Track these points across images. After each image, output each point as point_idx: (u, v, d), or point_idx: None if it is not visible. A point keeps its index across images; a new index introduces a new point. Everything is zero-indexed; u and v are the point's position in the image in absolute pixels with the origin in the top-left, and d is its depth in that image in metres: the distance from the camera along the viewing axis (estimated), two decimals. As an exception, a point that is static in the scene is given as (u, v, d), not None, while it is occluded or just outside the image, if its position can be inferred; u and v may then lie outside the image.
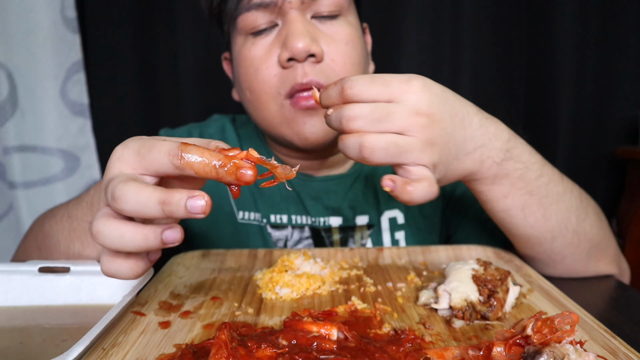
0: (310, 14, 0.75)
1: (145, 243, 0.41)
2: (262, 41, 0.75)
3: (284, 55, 0.72)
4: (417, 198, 0.52)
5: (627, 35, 1.55)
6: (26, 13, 1.38)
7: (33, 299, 0.59)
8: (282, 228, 0.90)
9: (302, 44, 0.70)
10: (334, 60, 0.75)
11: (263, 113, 0.78)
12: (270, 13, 0.74)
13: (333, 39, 0.75)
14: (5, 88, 1.39)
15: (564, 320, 0.39)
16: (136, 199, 0.40)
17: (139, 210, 0.40)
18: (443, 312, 0.55)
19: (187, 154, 0.41)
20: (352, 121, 0.52)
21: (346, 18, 0.78)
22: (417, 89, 0.54)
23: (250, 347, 0.43)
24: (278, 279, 0.62)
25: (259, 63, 0.75)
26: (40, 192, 1.46)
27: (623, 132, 1.62)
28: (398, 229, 0.92)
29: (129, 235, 0.41)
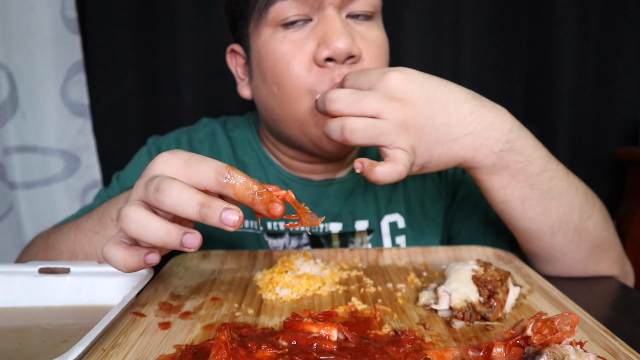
0: (346, 13, 0.73)
1: (167, 237, 0.44)
2: (294, 35, 0.71)
3: (323, 54, 0.69)
4: (382, 178, 0.57)
5: (627, 36, 1.55)
6: (26, 13, 1.38)
7: (33, 299, 0.59)
8: (279, 236, 0.88)
9: (344, 44, 0.68)
10: (368, 62, 0.73)
11: (293, 108, 0.74)
12: (306, 6, 0.70)
13: (367, 40, 0.73)
14: (6, 88, 1.39)
15: (564, 321, 0.39)
16: (178, 195, 0.44)
17: (178, 205, 0.44)
18: (443, 313, 0.55)
19: (233, 175, 0.45)
20: (333, 103, 0.58)
21: (377, 21, 0.77)
22: (392, 76, 0.59)
23: (250, 347, 0.43)
24: (278, 280, 0.62)
25: (291, 57, 0.71)
26: (40, 192, 1.46)
27: (623, 133, 1.62)
28: (399, 234, 0.91)
29: (155, 226, 0.44)
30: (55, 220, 1.47)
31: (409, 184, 0.93)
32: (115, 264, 0.46)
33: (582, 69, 1.56)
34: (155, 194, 0.44)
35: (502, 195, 0.67)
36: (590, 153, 1.62)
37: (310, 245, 0.88)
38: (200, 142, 0.93)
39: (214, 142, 0.93)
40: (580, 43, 1.54)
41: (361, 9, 0.72)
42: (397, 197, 0.92)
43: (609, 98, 1.60)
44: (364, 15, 0.73)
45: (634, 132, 1.59)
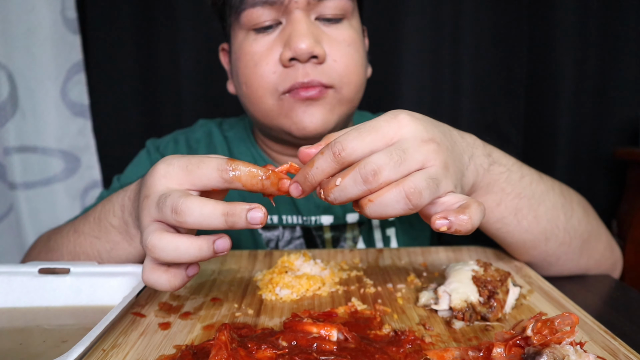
0: (315, 16, 0.75)
1: (200, 253, 0.44)
2: (264, 38, 0.75)
3: (287, 55, 0.72)
4: (477, 221, 0.46)
5: (627, 36, 1.55)
6: (27, 14, 1.38)
7: (33, 300, 0.59)
8: (272, 229, 0.90)
9: (305, 45, 0.71)
10: (336, 60, 0.75)
11: (259, 107, 0.78)
12: (276, 11, 0.74)
13: (336, 40, 0.76)
14: (6, 89, 1.39)
15: (563, 322, 0.39)
16: (200, 212, 0.44)
17: (203, 222, 0.44)
18: (443, 313, 0.55)
19: (235, 168, 0.45)
20: (378, 175, 0.45)
21: (349, 22, 0.78)
22: (407, 121, 0.49)
23: (250, 348, 0.43)
24: (278, 280, 0.62)
25: (259, 59, 0.75)
26: (40, 192, 1.47)
27: (623, 133, 1.62)
28: (389, 226, 0.92)
29: (185, 247, 0.44)
30: (56, 220, 1.47)
31: None
32: (162, 288, 0.47)
33: (582, 69, 1.56)
34: (175, 216, 0.44)
35: (498, 213, 0.66)
36: (590, 153, 1.62)
37: (303, 237, 0.90)
38: (198, 141, 0.95)
39: (210, 141, 0.95)
40: (580, 43, 1.54)
41: (330, 12, 0.75)
42: None
43: (609, 98, 1.60)
44: (334, 18, 0.76)
45: (633, 132, 1.59)
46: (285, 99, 0.76)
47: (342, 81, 0.76)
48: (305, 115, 0.75)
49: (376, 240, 0.91)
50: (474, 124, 1.58)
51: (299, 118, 0.76)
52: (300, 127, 0.76)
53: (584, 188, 1.63)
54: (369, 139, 0.47)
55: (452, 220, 0.45)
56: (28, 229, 1.46)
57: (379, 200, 0.46)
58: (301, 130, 0.77)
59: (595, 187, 1.65)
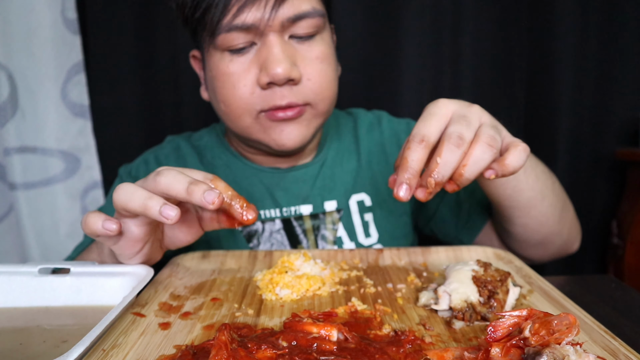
0: (288, 35, 0.77)
1: (147, 202, 0.54)
2: (240, 59, 0.78)
3: (264, 80, 0.76)
4: (518, 163, 0.59)
5: (627, 36, 1.55)
6: (27, 14, 1.38)
7: (33, 300, 0.59)
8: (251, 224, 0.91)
9: (282, 70, 0.74)
10: (310, 79, 0.79)
11: (238, 124, 0.83)
12: (250, 34, 0.76)
13: (309, 58, 0.79)
14: (6, 89, 1.39)
15: (561, 322, 0.39)
16: (174, 176, 0.55)
17: (171, 183, 0.55)
18: (443, 313, 0.55)
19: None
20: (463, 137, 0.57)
21: (321, 36, 0.81)
22: (448, 101, 0.61)
23: (250, 348, 0.43)
24: (278, 280, 0.62)
25: (237, 80, 0.78)
26: (40, 193, 1.46)
27: (623, 134, 1.62)
28: (366, 211, 0.95)
29: (139, 194, 0.54)
30: (56, 220, 1.47)
31: (374, 167, 0.97)
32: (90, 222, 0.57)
33: (582, 70, 1.56)
34: (155, 176, 0.55)
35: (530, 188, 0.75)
36: (590, 154, 1.62)
37: (284, 229, 0.92)
38: (166, 156, 0.98)
39: (178, 155, 0.98)
40: (580, 43, 1.54)
41: (303, 31, 0.77)
42: (363, 178, 0.96)
43: (609, 99, 1.60)
44: (306, 35, 0.78)
45: (634, 133, 1.59)
46: (262, 118, 0.80)
47: (317, 98, 0.80)
48: (283, 134, 0.81)
49: (355, 226, 0.93)
50: (474, 125, 1.58)
51: (277, 136, 0.81)
52: (280, 143, 0.82)
53: (584, 188, 1.64)
54: (435, 122, 0.58)
55: (498, 169, 0.59)
56: (28, 230, 1.46)
57: (472, 160, 0.57)
58: (280, 147, 0.82)
59: (595, 188, 1.65)
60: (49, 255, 1.48)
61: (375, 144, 0.99)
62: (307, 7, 0.76)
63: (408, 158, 0.56)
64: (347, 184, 0.95)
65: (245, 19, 0.74)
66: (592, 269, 1.71)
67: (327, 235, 0.93)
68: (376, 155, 0.98)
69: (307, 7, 0.76)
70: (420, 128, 0.58)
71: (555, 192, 0.80)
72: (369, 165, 0.97)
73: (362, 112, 1.06)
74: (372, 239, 0.94)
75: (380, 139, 1.00)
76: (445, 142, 0.56)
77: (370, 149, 0.99)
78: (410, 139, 0.58)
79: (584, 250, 1.68)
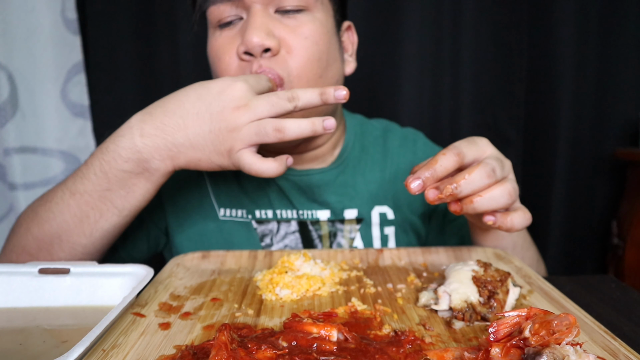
0: (274, 8, 0.76)
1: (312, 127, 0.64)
2: (226, 33, 0.78)
3: (241, 49, 0.75)
4: (518, 225, 0.64)
5: (627, 36, 1.56)
6: (27, 14, 1.38)
7: (33, 300, 0.59)
8: (266, 222, 0.91)
9: (257, 39, 0.72)
10: (289, 52, 0.75)
11: None
12: (237, 7, 0.76)
13: (293, 31, 0.76)
14: (6, 89, 1.39)
15: (561, 322, 0.39)
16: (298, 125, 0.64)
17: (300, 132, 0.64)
18: (443, 314, 0.55)
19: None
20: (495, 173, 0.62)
21: (312, 14, 0.78)
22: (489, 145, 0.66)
23: (250, 348, 0.43)
24: (278, 280, 0.62)
25: (222, 53, 0.78)
26: (40, 193, 1.44)
27: (623, 134, 1.62)
28: (388, 224, 0.93)
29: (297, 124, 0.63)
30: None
31: (400, 183, 0.95)
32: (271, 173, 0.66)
33: (582, 70, 1.56)
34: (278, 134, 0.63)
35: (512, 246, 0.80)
36: (590, 154, 1.62)
37: (299, 232, 0.90)
38: None
39: None
40: (580, 43, 1.54)
41: (290, 4, 0.76)
42: (386, 191, 0.94)
43: (609, 98, 1.60)
44: (295, 9, 0.76)
45: (634, 133, 1.59)
46: None
47: (293, 74, 0.76)
48: None
49: (374, 238, 0.92)
50: (474, 124, 1.58)
51: None
52: None
53: (584, 188, 1.64)
54: (475, 149, 0.63)
55: (499, 218, 0.63)
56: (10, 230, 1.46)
57: (488, 195, 0.61)
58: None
59: (596, 188, 1.65)
60: (49, 255, 1.48)
61: (405, 161, 0.97)
62: None
63: (439, 161, 0.60)
64: (370, 193, 0.93)
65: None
66: (592, 269, 1.71)
67: (343, 243, 0.91)
68: (404, 172, 0.95)
69: None
70: (462, 146, 0.62)
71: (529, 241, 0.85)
72: (395, 180, 0.95)
73: (396, 126, 1.04)
74: None
75: (412, 158, 0.97)
76: (479, 166, 0.61)
77: (399, 164, 0.96)
78: (448, 148, 0.62)
79: (584, 251, 1.69)
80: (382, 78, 1.55)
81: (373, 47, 1.52)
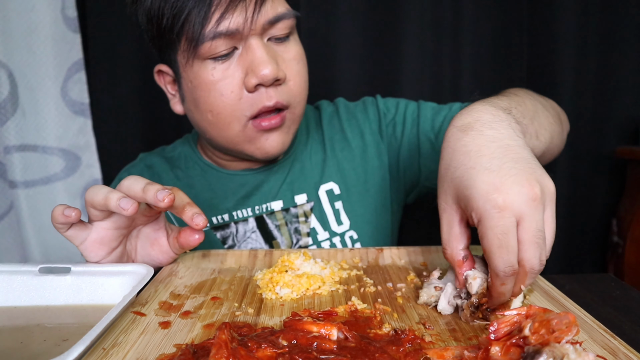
0: (267, 37, 0.80)
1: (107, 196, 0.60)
2: (222, 65, 0.78)
3: (252, 82, 0.77)
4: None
5: (628, 35, 1.55)
6: (27, 12, 1.38)
7: (34, 299, 0.59)
8: (225, 227, 0.94)
9: (269, 71, 0.76)
10: (291, 80, 0.82)
11: (226, 133, 0.83)
12: (233, 39, 0.77)
13: (288, 60, 0.82)
14: (6, 87, 1.39)
15: (561, 321, 0.39)
16: (134, 179, 0.61)
17: (131, 184, 0.61)
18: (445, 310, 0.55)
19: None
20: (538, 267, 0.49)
21: (294, 36, 0.84)
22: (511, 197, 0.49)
23: (250, 347, 0.44)
24: (278, 279, 0.62)
25: (223, 87, 0.78)
26: (40, 191, 1.46)
27: (623, 132, 1.62)
28: (336, 199, 0.97)
29: (104, 191, 0.60)
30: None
31: (338, 154, 0.99)
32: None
33: (582, 69, 1.56)
34: (119, 181, 0.62)
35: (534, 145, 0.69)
36: (590, 152, 1.62)
37: (257, 228, 0.94)
38: (140, 173, 0.97)
39: (153, 172, 0.99)
40: (580, 43, 1.54)
41: (280, 32, 0.80)
42: (330, 167, 0.98)
43: (609, 97, 1.60)
44: (283, 37, 0.81)
45: (634, 131, 1.59)
46: (249, 128, 0.82)
47: (296, 100, 0.83)
48: (267, 143, 0.84)
49: (327, 215, 0.96)
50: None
51: (261, 144, 0.84)
52: (263, 152, 0.85)
53: (584, 187, 1.64)
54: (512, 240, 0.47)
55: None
56: (28, 228, 1.46)
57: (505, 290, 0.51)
58: (264, 155, 0.86)
59: (596, 186, 1.65)
60: (50, 253, 1.48)
61: (336, 131, 1.01)
62: (283, 9, 0.79)
63: (505, 291, 0.50)
64: (316, 175, 0.98)
65: (229, 25, 0.75)
66: (592, 268, 1.71)
67: (301, 228, 0.95)
68: (339, 142, 1.00)
69: (283, 9, 0.79)
70: (506, 260, 0.47)
71: (546, 115, 0.78)
72: (334, 153, 0.99)
73: (326, 104, 1.08)
74: (345, 226, 0.96)
75: (339, 125, 1.02)
76: (529, 273, 0.49)
77: (332, 137, 1.01)
78: (502, 274, 0.48)
79: (583, 249, 1.69)
80: (382, 78, 1.55)
81: (373, 46, 1.52)
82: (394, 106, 1.02)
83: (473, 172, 0.49)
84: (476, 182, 0.48)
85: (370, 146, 1.00)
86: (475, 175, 0.48)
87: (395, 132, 1.00)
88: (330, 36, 1.48)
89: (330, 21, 1.47)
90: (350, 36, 1.49)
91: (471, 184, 0.48)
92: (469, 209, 0.49)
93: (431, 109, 0.99)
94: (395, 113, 1.01)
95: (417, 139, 0.96)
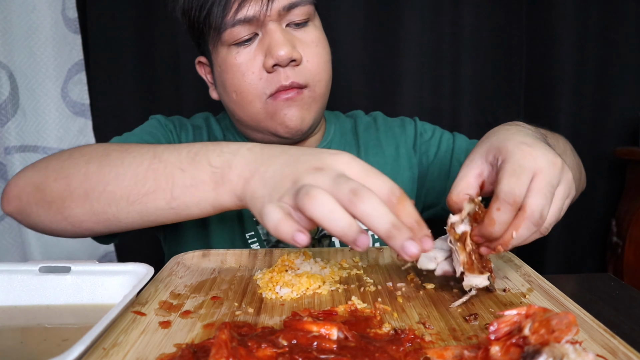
0: (285, 23, 0.85)
1: (347, 230, 0.46)
2: (245, 50, 0.85)
3: (270, 62, 0.82)
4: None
5: (627, 35, 1.55)
6: (27, 13, 1.38)
7: (34, 298, 0.59)
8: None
9: (285, 52, 0.81)
10: (309, 61, 0.86)
11: (249, 110, 0.88)
12: (252, 26, 0.83)
13: (306, 43, 0.86)
14: (7, 88, 1.39)
15: (561, 321, 0.39)
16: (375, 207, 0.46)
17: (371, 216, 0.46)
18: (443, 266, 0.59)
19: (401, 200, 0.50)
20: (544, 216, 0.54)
21: (314, 23, 0.89)
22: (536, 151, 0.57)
23: (250, 346, 0.44)
24: (278, 279, 0.62)
25: (245, 69, 0.85)
26: (41, 192, 1.46)
27: (623, 133, 1.62)
28: None
29: (339, 215, 0.46)
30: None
31: (371, 159, 1.02)
32: (268, 222, 0.48)
33: (581, 69, 1.56)
34: (352, 196, 0.46)
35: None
36: (590, 153, 1.62)
37: None
38: (199, 127, 1.03)
39: (208, 125, 1.04)
40: (580, 43, 1.54)
41: (298, 18, 0.85)
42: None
43: (609, 98, 1.60)
44: (301, 22, 0.86)
45: (633, 131, 1.59)
46: (269, 103, 0.86)
47: (315, 79, 0.87)
48: (287, 117, 0.86)
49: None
50: (474, 124, 1.58)
51: (281, 119, 0.86)
52: (284, 127, 0.87)
53: (584, 187, 1.64)
54: (526, 180, 0.53)
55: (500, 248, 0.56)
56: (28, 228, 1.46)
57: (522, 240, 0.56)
58: (285, 130, 0.87)
59: (595, 186, 1.65)
60: (50, 253, 1.48)
61: (372, 139, 1.05)
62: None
63: (497, 220, 0.53)
64: None
65: (247, 13, 0.81)
66: (592, 268, 1.71)
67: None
68: (373, 148, 1.04)
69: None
70: (514, 187, 0.53)
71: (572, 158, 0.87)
72: (367, 158, 1.02)
73: (361, 114, 1.12)
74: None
75: (376, 134, 1.06)
76: (526, 220, 0.53)
77: (367, 143, 1.05)
78: (502, 197, 0.53)
79: (583, 249, 1.69)
80: (382, 77, 1.55)
81: (373, 46, 1.52)
82: (431, 130, 1.07)
83: (510, 136, 0.59)
84: (512, 139, 0.58)
85: (403, 158, 1.03)
86: (511, 136, 0.59)
87: (429, 152, 1.04)
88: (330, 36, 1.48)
89: (331, 21, 1.47)
90: (350, 35, 1.50)
91: (507, 138, 0.58)
92: (498, 153, 0.57)
93: (465, 141, 1.05)
94: (432, 136, 1.06)
95: (450, 163, 1.00)
